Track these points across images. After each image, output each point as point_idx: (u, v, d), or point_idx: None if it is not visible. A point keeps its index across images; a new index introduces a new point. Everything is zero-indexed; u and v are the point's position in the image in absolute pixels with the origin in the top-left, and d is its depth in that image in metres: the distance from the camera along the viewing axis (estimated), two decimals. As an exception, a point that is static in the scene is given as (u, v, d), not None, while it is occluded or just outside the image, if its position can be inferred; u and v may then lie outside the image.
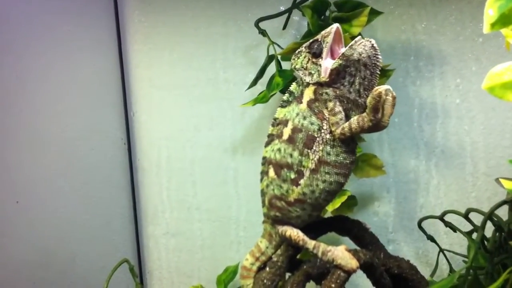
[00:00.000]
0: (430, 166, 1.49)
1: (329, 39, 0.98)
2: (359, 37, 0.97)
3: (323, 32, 1.00)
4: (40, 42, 1.54)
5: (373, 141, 1.53)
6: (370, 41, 0.95)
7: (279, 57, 1.44)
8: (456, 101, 1.45)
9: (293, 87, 1.05)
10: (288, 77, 1.39)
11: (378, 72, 0.97)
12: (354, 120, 0.95)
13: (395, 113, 0.99)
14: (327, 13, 1.34)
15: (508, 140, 1.41)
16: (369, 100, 0.93)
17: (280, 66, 1.44)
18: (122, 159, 1.79)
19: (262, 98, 1.42)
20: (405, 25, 1.47)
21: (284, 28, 1.51)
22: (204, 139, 1.73)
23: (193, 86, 1.72)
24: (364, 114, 0.94)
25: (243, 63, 1.65)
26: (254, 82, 1.47)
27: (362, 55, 0.95)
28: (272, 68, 1.45)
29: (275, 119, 1.06)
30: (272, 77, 1.42)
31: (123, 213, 1.80)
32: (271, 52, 1.44)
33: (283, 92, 1.41)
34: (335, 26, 0.98)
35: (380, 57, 0.96)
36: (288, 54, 1.36)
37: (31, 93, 1.51)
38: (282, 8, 1.53)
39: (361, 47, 0.95)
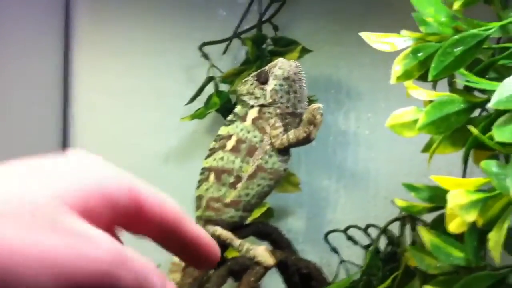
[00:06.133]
0: (340, 187, 1.65)
1: (275, 69, 1.16)
2: (282, 58, 1.17)
3: (270, 64, 1.18)
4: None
5: (293, 162, 1.67)
6: (294, 61, 1.16)
7: (217, 79, 1.57)
8: (366, 132, 1.63)
9: (237, 109, 1.21)
10: (224, 98, 1.53)
11: (305, 85, 1.16)
12: (291, 132, 1.14)
13: (314, 138, 1.18)
14: (264, 45, 1.51)
15: (406, 169, 1.57)
16: (305, 115, 1.13)
17: (218, 87, 1.58)
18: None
19: (199, 114, 1.55)
20: (329, 62, 1.63)
21: (224, 53, 1.63)
22: (139, 147, 1.78)
23: (133, 96, 1.77)
24: (300, 127, 1.14)
25: (183, 79, 1.73)
26: (193, 99, 1.58)
27: (290, 72, 1.14)
28: (210, 86, 1.58)
29: (218, 135, 1.21)
30: (210, 97, 1.56)
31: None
32: (211, 73, 1.58)
33: (218, 110, 1.56)
34: (280, 59, 1.17)
35: (303, 72, 1.15)
36: (227, 78, 1.52)
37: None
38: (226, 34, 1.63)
39: (287, 66, 1.14)
